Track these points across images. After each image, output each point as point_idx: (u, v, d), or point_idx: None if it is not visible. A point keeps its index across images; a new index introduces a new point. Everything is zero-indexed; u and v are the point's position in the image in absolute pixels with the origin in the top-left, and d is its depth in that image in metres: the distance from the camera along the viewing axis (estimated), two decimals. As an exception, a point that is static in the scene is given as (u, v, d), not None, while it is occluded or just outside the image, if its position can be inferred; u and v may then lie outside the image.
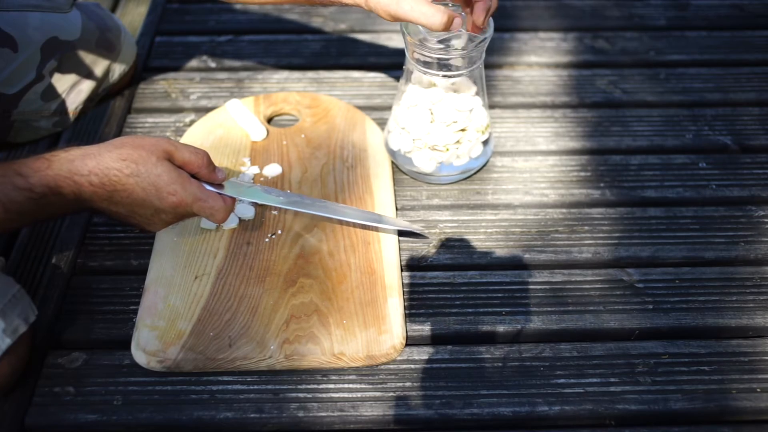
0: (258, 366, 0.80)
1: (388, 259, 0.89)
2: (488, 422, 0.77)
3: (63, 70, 1.04)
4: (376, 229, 0.91)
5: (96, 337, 0.83)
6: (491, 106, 1.11)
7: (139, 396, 0.78)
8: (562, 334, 0.84)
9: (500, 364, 0.81)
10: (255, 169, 0.99)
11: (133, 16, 1.34)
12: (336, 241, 0.90)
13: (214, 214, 0.79)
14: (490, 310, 0.86)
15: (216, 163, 0.82)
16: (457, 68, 0.92)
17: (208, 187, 0.81)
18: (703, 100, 1.14)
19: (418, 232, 0.93)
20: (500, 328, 0.84)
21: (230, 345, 0.80)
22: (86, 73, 1.06)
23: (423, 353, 0.82)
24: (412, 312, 0.86)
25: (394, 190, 0.99)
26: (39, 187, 0.71)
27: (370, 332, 0.82)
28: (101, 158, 0.74)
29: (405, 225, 0.92)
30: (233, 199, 0.82)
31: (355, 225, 0.92)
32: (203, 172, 0.80)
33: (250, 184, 0.89)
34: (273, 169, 0.99)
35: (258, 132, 1.04)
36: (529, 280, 0.89)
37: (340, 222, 0.92)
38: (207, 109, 1.11)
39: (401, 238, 0.93)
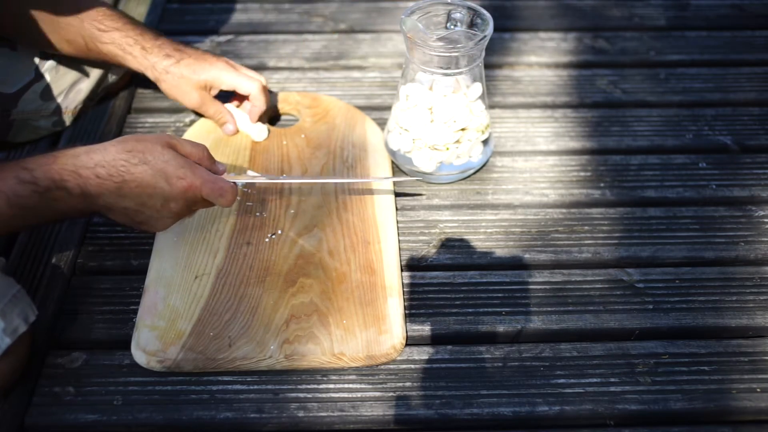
0: (258, 366, 0.80)
1: (388, 259, 0.89)
2: (488, 422, 0.77)
3: (62, 69, 1.04)
4: (371, 192, 0.94)
5: (96, 337, 0.83)
6: (491, 106, 1.11)
7: (139, 396, 0.78)
8: (562, 334, 0.84)
9: (500, 364, 0.81)
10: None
11: (133, 16, 1.34)
12: (336, 241, 0.90)
13: (224, 194, 0.79)
14: (490, 310, 0.86)
15: None
16: (457, 66, 0.92)
17: None
18: (703, 100, 1.14)
19: (397, 179, 0.97)
20: (500, 328, 0.84)
21: (230, 345, 0.80)
22: (85, 72, 1.06)
23: (423, 353, 0.82)
24: (412, 312, 0.86)
25: (394, 191, 0.99)
26: (44, 180, 0.72)
27: (370, 332, 0.82)
28: (107, 152, 0.75)
29: (383, 178, 0.95)
30: (236, 185, 0.83)
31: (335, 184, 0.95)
32: (204, 164, 0.82)
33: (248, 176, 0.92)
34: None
35: (258, 132, 1.03)
36: (529, 280, 0.89)
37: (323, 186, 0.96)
38: (207, 109, 1.11)
39: (401, 238, 0.93)
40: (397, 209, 0.97)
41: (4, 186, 0.71)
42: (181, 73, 0.96)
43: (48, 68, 1.02)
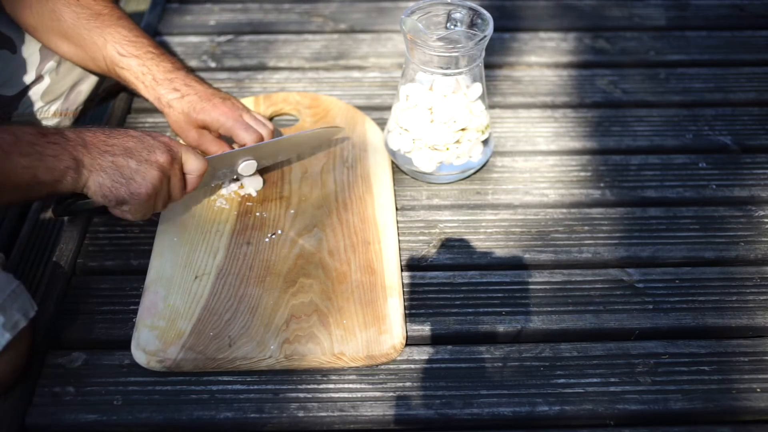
0: (258, 366, 0.80)
1: (388, 259, 0.89)
2: (488, 422, 0.77)
3: (62, 71, 1.04)
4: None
5: (96, 337, 0.83)
6: (491, 106, 1.11)
7: (139, 396, 0.78)
8: (562, 334, 0.84)
9: (500, 364, 0.81)
10: (234, 186, 0.97)
11: (132, 16, 1.34)
12: (336, 241, 0.91)
13: (196, 154, 0.87)
14: (490, 310, 0.86)
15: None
16: (457, 66, 0.92)
17: None
18: (703, 100, 1.14)
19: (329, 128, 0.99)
20: (500, 328, 0.84)
21: (230, 345, 0.80)
22: (85, 73, 1.06)
23: (423, 353, 0.82)
24: (412, 312, 0.86)
25: (394, 190, 0.99)
26: (48, 128, 0.81)
27: (370, 332, 0.82)
28: None
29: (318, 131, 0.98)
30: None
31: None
32: None
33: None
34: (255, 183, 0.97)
35: (250, 183, 0.98)
36: (529, 280, 0.89)
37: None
38: (207, 109, 1.11)
39: (401, 238, 0.93)
40: (397, 209, 0.97)
41: (14, 128, 0.77)
42: (182, 108, 0.95)
43: (48, 70, 1.02)
